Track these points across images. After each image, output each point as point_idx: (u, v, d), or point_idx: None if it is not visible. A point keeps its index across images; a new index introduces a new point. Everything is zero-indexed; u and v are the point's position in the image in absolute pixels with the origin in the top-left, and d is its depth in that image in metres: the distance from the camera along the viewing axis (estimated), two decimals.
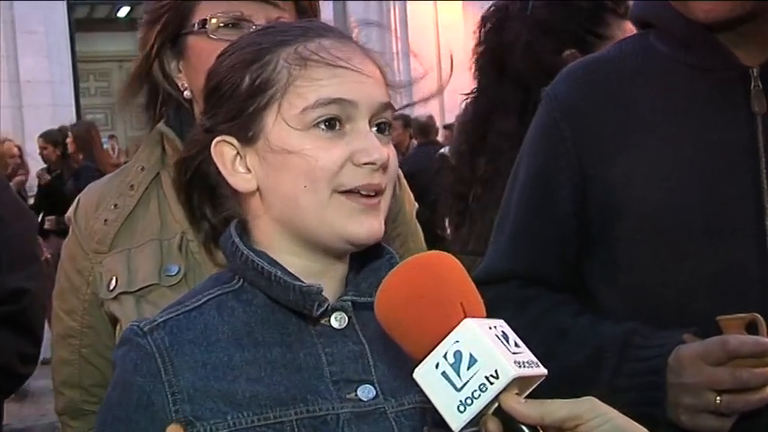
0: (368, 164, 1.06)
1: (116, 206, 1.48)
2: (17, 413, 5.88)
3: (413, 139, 8.26)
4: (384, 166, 1.08)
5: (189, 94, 1.45)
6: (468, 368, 0.91)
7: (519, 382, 0.92)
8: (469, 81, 2.21)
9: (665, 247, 1.38)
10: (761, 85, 1.38)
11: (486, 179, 2.09)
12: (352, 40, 1.13)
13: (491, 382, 0.90)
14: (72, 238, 1.52)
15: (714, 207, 1.36)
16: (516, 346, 0.94)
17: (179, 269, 1.40)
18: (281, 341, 1.07)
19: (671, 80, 1.43)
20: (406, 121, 8.48)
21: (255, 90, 1.08)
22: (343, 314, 1.09)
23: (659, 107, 1.42)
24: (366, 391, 1.06)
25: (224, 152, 1.10)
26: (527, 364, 0.93)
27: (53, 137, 7.81)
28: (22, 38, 11.41)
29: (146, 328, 1.05)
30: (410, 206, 1.65)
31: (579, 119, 1.46)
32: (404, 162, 6.59)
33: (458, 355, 0.91)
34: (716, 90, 1.40)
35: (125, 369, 1.06)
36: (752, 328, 1.28)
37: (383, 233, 1.10)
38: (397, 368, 1.08)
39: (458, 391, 0.91)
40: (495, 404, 0.91)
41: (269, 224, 1.10)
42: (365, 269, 1.13)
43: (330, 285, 1.10)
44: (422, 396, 1.05)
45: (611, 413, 0.91)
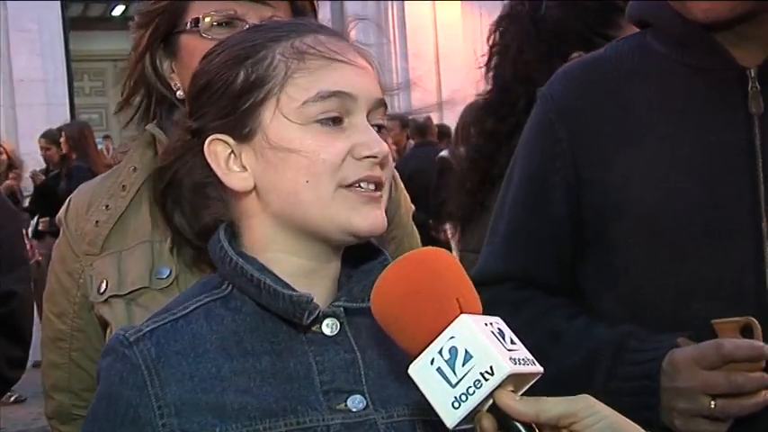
0: (369, 157, 1.05)
1: (108, 207, 1.47)
2: (10, 416, 5.86)
3: (410, 140, 8.25)
4: (384, 161, 1.07)
5: (182, 93, 1.43)
6: (464, 364, 0.90)
7: (514, 380, 0.91)
8: (467, 81, 2.21)
9: (663, 249, 1.37)
10: (758, 86, 1.37)
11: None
12: (344, 37, 1.12)
13: (486, 379, 0.89)
14: (63, 239, 1.51)
15: (712, 208, 1.36)
16: (512, 343, 0.94)
17: (170, 272, 1.38)
18: (270, 350, 1.05)
19: (668, 80, 1.42)
20: (404, 122, 8.48)
21: (251, 85, 1.06)
22: (335, 320, 1.07)
23: (656, 107, 1.42)
24: (356, 402, 1.05)
25: (218, 151, 1.08)
26: (522, 362, 0.92)
27: (55, 137, 7.74)
28: (15, 36, 11.36)
29: (131, 338, 1.03)
30: (406, 208, 1.64)
31: (575, 119, 1.45)
32: (401, 163, 6.62)
33: (453, 350, 0.91)
34: (713, 90, 1.39)
35: (111, 381, 1.04)
36: (747, 332, 1.28)
37: (386, 225, 1.08)
38: (390, 378, 1.07)
39: (453, 387, 0.90)
40: (491, 401, 0.91)
41: (264, 223, 1.08)
42: (358, 271, 1.12)
43: (323, 285, 1.09)
44: (412, 408, 1.05)
45: (605, 411, 0.91)
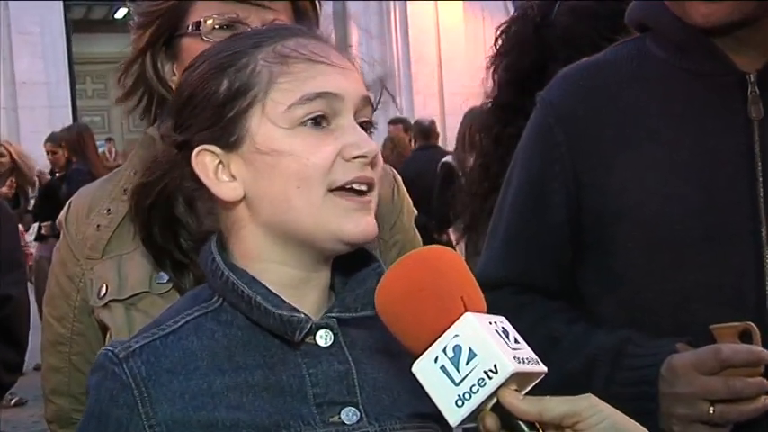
0: (358, 157, 1.04)
1: (109, 211, 1.46)
2: (11, 419, 5.86)
3: (412, 142, 8.24)
4: (374, 160, 1.06)
5: None
6: (468, 362, 0.90)
7: (518, 379, 0.91)
8: (469, 84, 2.20)
9: (662, 254, 1.37)
10: (758, 91, 1.37)
11: None
12: (326, 39, 1.11)
13: (490, 377, 0.89)
14: (63, 242, 1.50)
15: (712, 214, 1.35)
16: (516, 342, 0.94)
17: (170, 277, 1.38)
18: (263, 363, 1.04)
19: (667, 85, 1.42)
20: (407, 125, 8.47)
21: (236, 93, 1.05)
22: (329, 332, 1.06)
23: (655, 112, 1.42)
24: (350, 414, 1.04)
25: (206, 162, 1.06)
26: (526, 361, 0.92)
27: (59, 140, 7.70)
28: (18, 39, 11.36)
29: (121, 355, 1.02)
30: (409, 214, 1.62)
31: (574, 124, 1.45)
32: (403, 166, 6.60)
33: (457, 349, 0.91)
34: (713, 96, 1.39)
35: (100, 399, 1.03)
36: (745, 337, 1.27)
37: (377, 231, 1.07)
38: (384, 390, 1.07)
39: (456, 385, 0.90)
40: (494, 399, 0.91)
41: (255, 232, 1.07)
42: (351, 279, 1.11)
43: (314, 294, 1.08)
44: (404, 422, 1.04)
45: (609, 410, 0.91)
